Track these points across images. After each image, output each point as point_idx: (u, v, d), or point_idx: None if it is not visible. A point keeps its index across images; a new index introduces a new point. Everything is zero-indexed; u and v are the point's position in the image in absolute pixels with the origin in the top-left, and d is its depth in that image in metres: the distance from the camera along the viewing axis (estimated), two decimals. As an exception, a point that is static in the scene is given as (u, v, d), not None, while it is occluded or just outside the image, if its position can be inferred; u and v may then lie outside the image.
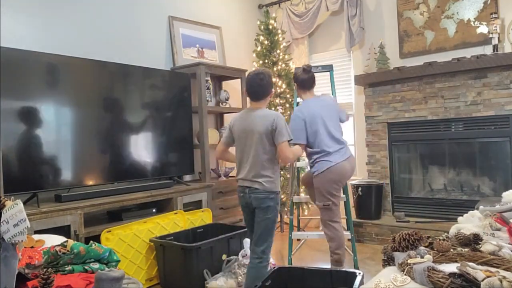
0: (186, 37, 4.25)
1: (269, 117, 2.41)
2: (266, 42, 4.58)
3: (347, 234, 3.27)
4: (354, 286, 1.93)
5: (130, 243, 2.96)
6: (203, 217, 3.58)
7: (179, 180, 3.79)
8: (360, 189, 4.06)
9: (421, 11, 4.08)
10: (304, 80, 3.09)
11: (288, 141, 2.44)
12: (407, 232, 1.77)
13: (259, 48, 4.63)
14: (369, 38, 4.43)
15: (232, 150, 2.65)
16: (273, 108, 4.52)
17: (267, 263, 2.46)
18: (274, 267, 2.32)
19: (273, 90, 2.62)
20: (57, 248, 1.82)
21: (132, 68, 3.46)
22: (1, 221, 1.31)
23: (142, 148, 3.50)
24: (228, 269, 2.93)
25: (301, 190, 4.18)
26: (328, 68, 3.62)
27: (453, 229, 2.03)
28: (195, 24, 4.36)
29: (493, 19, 3.55)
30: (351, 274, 2.09)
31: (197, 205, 3.73)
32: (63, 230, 2.72)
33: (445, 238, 1.88)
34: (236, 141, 2.55)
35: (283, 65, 4.58)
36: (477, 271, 1.38)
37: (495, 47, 3.56)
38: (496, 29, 3.54)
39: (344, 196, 3.40)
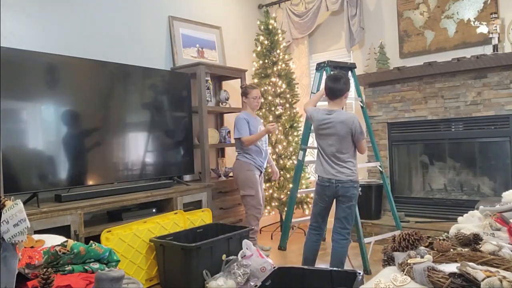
0: (186, 37, 4.25)
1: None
2: (266, 42, 4.58)
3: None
4: (354, 286, 1.93)
5: (130, 243, 2.96)
6: (203, 217, 3.58)
7: (179, 180, 3.79)
8: (360, 189, 4.05)
9: (421, 11, 4.08)
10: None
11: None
12: (407, 232, 1.76)
13: (259, 48, 4.63)
14: (369, 38, 4.43)
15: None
16: (273, 108, 4.53)
17: (350, 241, 2.97)
18: (274, 267, 2.33)
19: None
20: (57, 248, 1.82)
21: (132, 68, 3.46)
22: (1, 221, 1.30)
23: (142, 148, 3.50)
24: (228, 269, 2.93)
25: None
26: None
27: (453, 229, 2.03)
28: (195, 24, 4.36)
29: (493, 19, 3.55)
30: (351, 274, 2.09)
31: (197, 205, 3.73)
32: (63, 230, 2.72)
33: (445, 238, 1.88)
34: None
35: (283, 65, 4.58)
36: (477, 271, 1.38)
37: (495, 47, 3.56)
38: (496, 29, 3.54)
39: None
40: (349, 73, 3.91)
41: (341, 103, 2.88)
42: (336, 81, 2.81)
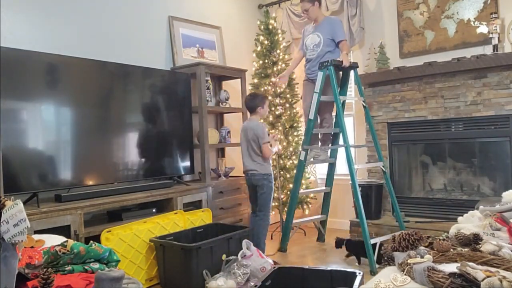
0: (186, 37, 4.25)
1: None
2: (266, 42, 4.58)
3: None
4: (354, 286, 1.93)
5: (130, 243, 2.96)
6: (203, 217, 3.58)
7: (179, 180, 3.79)
8: (360, 189, 4.05)
9: (421, 11, 4.08)
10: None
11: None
12: (407, 232, 1.77)
13: (259, 48, 4.63)
14: (369, 38, 4.42)
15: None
16: (272, 108, 4.53)
17: (262, 222, 3.54)
18: (274, 267, 2.33)
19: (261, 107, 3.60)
20: (57, 248, 1.82)
21: (132, 68, 3.46)
22: (1, 221, 1.30)
23: (142, 148, 3.50)
24: (228, 269, 2.93)
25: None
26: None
27: (453, 229, 2.03)
28: (195, 24, 4.37)
29: (493, 19, 3.55)
30: (351, 274, 2.09)
31: (197, 205, 3.73)
32: (63, 230, 2.72)
33: (445, 238, 1.88)
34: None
35: (283, 65, 4.58)
36: (477, 271, 1.38)
37: (495, 47, 3.56)
38: (496, 29, 3.54)
39: None
40: (351, 72, 3.91)
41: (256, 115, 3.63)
42: (253, 98, 3.62)
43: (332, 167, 4.20)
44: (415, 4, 4.11)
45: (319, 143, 4.11)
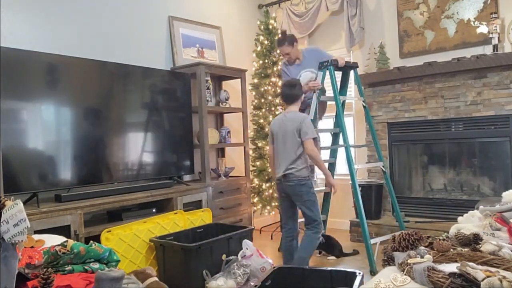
0: (186, 37, 4.25)
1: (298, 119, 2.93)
2: (266, 42, 4.58)
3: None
4: (354, 286, 1.92)
5: (130, 243, 2.96)
6: (203, 217, 3.58)
7: (179, 180, 3.79)
8: (360, 189, 4.05)
9: (421, 11, 4.08)
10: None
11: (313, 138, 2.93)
12: (407, 232, 1.76)
13: (259, 48, 4.62)
14: (369, 38, 4.43)
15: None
16: (272, 108, 4.53)
17: (314, 235, 2.97)
18: (274, 267, 2.32)
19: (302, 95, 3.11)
20: (57, 248, 1.82)
21: (132, 68, 3.46)
22: (1, 221, 1.30)
23: (142, 148, 3.50)
24: (228, 269, 2.93)
25: None
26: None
27: (453, 229, 2.03)
28: (195, 24, 4.37)
29: (493, 19, 3.55)
30: (351, 274, 2.09)
31: (197, 205, 3.73)
32: (63, 230, 2.72)
33: (445, 238, 1.88)
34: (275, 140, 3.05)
35: (283, 65, 4.58)
36: (477, 271, 1.38)
37: (495, 47, 3.56)
38: (496, 29, 3.54)
39: None
40: (351, 72, 3.91)
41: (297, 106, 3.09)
42: (292, 87, 3.03)
43: (332, 167, 4.20)
44: (415, 4, 4.11)
45: None
